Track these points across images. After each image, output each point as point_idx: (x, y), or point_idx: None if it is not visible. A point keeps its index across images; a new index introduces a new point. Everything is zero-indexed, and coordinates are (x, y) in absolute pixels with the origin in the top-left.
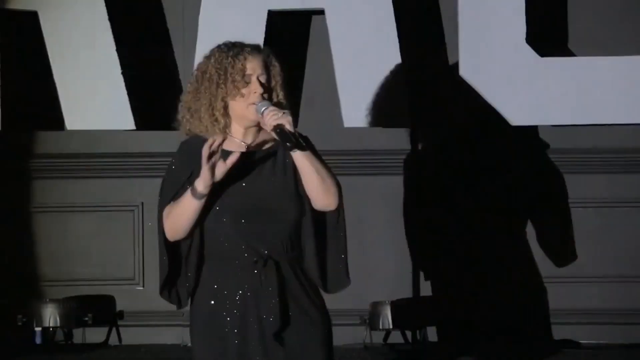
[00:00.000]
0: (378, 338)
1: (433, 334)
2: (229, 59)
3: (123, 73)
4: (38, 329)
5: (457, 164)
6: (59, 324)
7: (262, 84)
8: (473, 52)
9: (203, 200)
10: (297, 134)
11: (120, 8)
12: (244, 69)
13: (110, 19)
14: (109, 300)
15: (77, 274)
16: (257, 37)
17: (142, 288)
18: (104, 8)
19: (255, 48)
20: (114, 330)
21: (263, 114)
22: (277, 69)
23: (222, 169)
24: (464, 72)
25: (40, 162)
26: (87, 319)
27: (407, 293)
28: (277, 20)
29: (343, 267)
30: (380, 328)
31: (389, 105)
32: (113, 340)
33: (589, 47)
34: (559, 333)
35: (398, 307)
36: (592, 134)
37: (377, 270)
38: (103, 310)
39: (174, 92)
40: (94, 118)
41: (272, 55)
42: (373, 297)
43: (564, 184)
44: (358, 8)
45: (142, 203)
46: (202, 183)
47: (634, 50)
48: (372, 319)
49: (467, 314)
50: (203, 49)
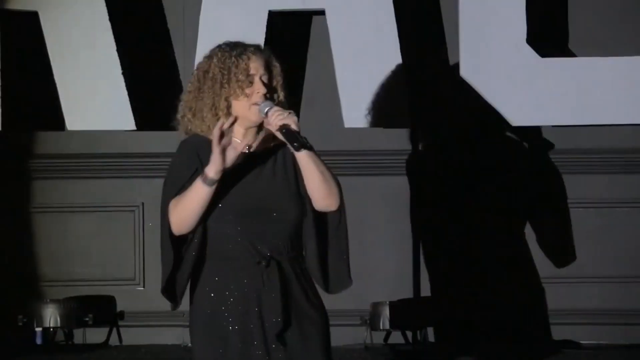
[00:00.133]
0: (378, 338)
1: (433, 335)
2: (233, 59)
3: (123, 73)
4: (38, 329)
5: (457, 164)
6: (60, 325)
7: (264, 84)
8: (473, 52)
9: (213, 188)
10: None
11: (121, 8)
12: (248, 69)
13: (111, 19)
14: (110, 301)
15: (77, 275)
16: (257, 37)
17: (142, 288)
18: (105, 8)
19: (258, 48)
20: (115, 331)
21: (267, 114)
22: (277, 69)
23: (232, 154)
24: (465, 72)
25: (41, 162)
26: (87, 319)
27: (407, 293)
28: (277, 21)
29: (345, 267)
30: (381, 328)
31: (389, 106)
32: (113, 341)
33: (590, 47)
34: (559, 333)
35: (398, 307)
36: (592, 134)
37: (377, 271)
38: (103, 311)
39: (175, 92)
40: (95, 118)
41: (272, 56)
42: (373, 297)
43: (564, 184)
44: (358, 8)
45: (142, 203)
46: (213, 168)
47: (634, 51)
48: (372, 320)
49: (467, 315)
50: (203, 49)
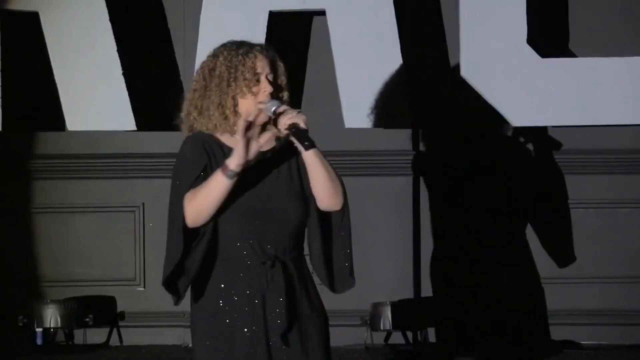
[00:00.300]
0: (379, 339)
1: (434, 335)
2: (240, 57)
3: (124, 73)
4: (39, 330)
5: (457, 164)
6: (60, 325)
7: (270, 83)
8: (473, 52)
9: (233, 182)
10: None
11: (121, 8)
12: (255, 67)
13: (111, 19)
14: (110, 301)
15: (77, 275)
16: (258, 37)
17: (142, 289)
18: (105, 8)
19: (263, 47)
20: (115, 331)
21: (276, 113)
22: (282, 69)
23: (255, 148)
24: (465, 72)
25: (41, 162)
26: (88, 320)
27: (407, 294)
28: (278, 21)
29: (348, 267)
30: (381, 329)
31: (390, 106)
32: (114, 341)
33: (590, 47)
34: (560, 334)
35: (399, 308)
36: (592, 135)
37: (377, 271)
38: (104, 311)
39: (175, 92)
40: (95, 118)
41: (277, 55)
42: (374, 298)
43: (564, 185)
44: (359, 9)
45: (142, 204)
46: (236, 160)
47: (635, 51)
48: (372, 320)
49: (467, 315)
50: (204, 50)
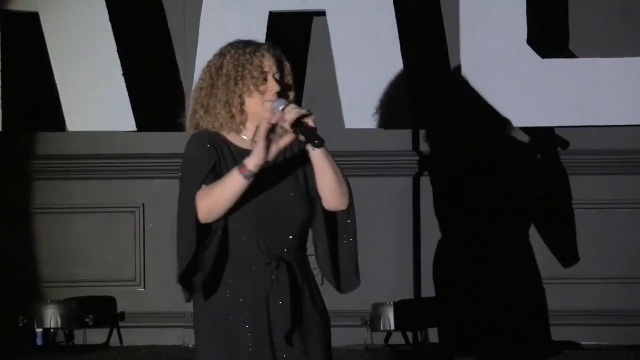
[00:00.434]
0: (379, 339)
1: (434, 335)
2: (247, 56)
3: (124, 74)
4: (39, 330)
5: (457, 164)
6: (60, 325)
7: (277, 82)
8: (474, 52)
9: (249, 182)
10: None
11: (121, 8)
12: (262, 66)
13: (111, 19)
14: (110, 301)
15: (77, 275)
16: (258, 38)
17: (143, 289)
18: (105, 8)
19: (270, 46)
20: (115, 332)
21: (284, 111)
22: (288, 69)
23: (274, 150)
24: (465, 72)
25: (41, 163)
26: (88, 320)
27: (408, 294)
28: (278, 21)
29: (353, 267)
30: (381, 329)
31: (390, 107)
32: (114, 342)
33: (590, 48)
34: (560, 334)
35: (399, 308)
36: (592, 135)
37: (378, 272)
38: (104, 311)
39: (175, 93)
40: (95, 119)
41: (283, 55)
42: (374, 298)
43: (564, 185)
44: (359, 9)
45: (142, 204)
46: (255, 160)
47: (635, 52)
48: (373, 320)
49: (468, 315)
50: (204, 50)
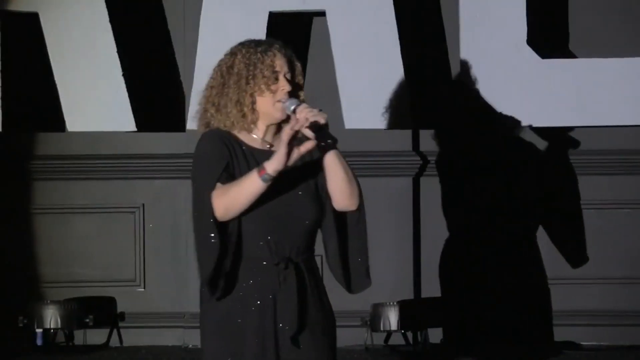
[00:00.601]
0: (379, 339)
1: (434, 336)
2: (258, 55)
3: (124, 74)
4: (39, 331)
5: (457, 164)
6: (60, 326)
7: (289, 81)
8: (474, 53)
9: (267, 185)
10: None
11: (121, 8)
12: (273, 65)
13: (111, 20)
14: (110, 302)
15: (78, 276)
16: (258, 38)
17: (143, 289)
18: (105, 8)
19: (282, 46)
20: (115, 332)
21: (295, 111)
22: (299, 69)
23: (295, 156)
24: (465, 73)
25: (41, 163)
26: (88, 321)
27: (408, 294)
28: (278, 21)
29: (363, 267)
30: (382, 329)
31: (390, 107)
32: (114, 342)
33: (590, 48)
34: (560, 334)
35: (399, 308)
36: (592, 136)
37: (378, 272)
38: (104, 312)
39: (175, 93)
40: (95, 119)
41: (294, 55)
42: (374, 298)
43: (564, 185)
44: (359, 9)
45: (143, 205)
46: (275, 164)
47: (635, 52)
48: (373, 321)
49: (468, 316)
50: (204, 51)
